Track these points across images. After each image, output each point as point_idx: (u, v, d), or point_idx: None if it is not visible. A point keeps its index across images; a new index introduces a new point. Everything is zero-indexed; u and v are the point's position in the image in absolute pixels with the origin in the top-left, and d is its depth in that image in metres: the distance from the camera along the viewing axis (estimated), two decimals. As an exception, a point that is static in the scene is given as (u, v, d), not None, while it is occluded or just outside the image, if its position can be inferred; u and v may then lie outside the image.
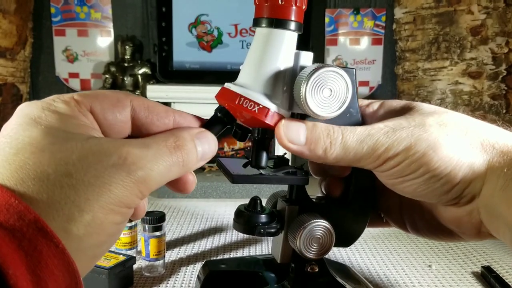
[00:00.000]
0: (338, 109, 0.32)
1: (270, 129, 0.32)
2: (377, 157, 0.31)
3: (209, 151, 0.28)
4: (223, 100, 0.32)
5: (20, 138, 0.22)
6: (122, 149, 0.23)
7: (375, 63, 2.35)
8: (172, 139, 0.25)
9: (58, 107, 0.23)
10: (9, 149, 0.21)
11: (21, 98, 2.22)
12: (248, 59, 0.33)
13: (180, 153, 0.25)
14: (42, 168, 0.20)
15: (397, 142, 0.31)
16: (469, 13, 1.98)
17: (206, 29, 2.31)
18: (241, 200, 0.77)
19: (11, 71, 2.14)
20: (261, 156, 0.33)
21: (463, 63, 2.02)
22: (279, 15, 0.31)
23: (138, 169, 0.23)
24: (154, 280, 0.49)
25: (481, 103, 2.02)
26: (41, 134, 0.22)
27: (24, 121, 0.23)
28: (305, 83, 0.31)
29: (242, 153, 2.65)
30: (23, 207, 0.19)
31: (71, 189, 0.20)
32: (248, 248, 0.57)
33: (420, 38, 2.11)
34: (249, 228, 0.34)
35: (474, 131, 0.32)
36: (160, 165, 0.24)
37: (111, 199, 0.22)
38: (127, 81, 2.27)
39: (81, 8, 2.27)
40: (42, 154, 0.21)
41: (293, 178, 0.34)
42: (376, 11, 2.29)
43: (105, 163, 0.22)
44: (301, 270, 0.36)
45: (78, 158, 0.21)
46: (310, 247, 0.34)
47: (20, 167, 0.20)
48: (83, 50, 2.31)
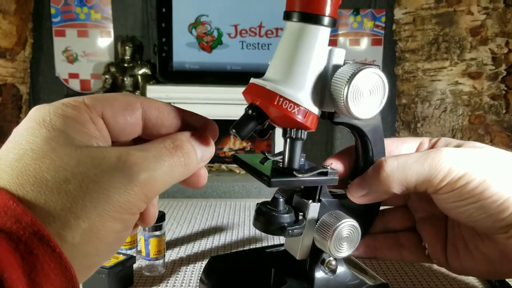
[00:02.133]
0: (377, 109, 0.32)
1: (304, 129, 0.31)
2: (439, 179, 0.32)
3: (207, 151, 0.28)
4: (254, 97, 0.31)
5: (23, 143, 0.22)
6: (122, 152, 0.22)
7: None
8: (169, 141, 0.25)
9: (66, 111, 0.23)
10: (12, 155, 0.21)
11: (20, 99, 2.22)
12: (279, 55, 0.31)
13: (180, 153, 0.25)
14: (42, 174, 0.20)
15: (459, 164, 0.32)
16: (468, 14, 1.98)
17: (206, 30, 2.31)
18: (241, 200, 0.77)
19: (11, 72, 2.14)
20: (294, 157, 0.32)
21: (463, 63, 2.02)
22: (314, 10, 0.29)
23: (141, 170, 0.22)
24: (154, 279, 0.49)
25: (481, 103, 2.02)
26: (44, 140, 0.22)
27: (30, 126, 0.23)
28: (346, 86, 0.29)
29: (242, 153, 2.66)
30: (20, 210, 0.19)
31: (68, 195, 0.20)
32: (249, 247, 0.57)
33: (420, 39, 2.11)
34: (276, 229, 0.33)
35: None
36: (163, 165, 0.24)
37: (110, 206, 0.21)
38: (127, 82, 2.27)
39: (81, 9, 2.27)
40: (43, 161, 0.21)
41: (326, 179, 0.34)
42: (376, 11, 2.30)
43: (105, 167, 0.21)
44: (320, 265, 0.36)
45: (76, 164, 0.21)
46: (340, 247, 0.34)
47: (21, 173, 0.21)
48: (83, 51, 2.31)
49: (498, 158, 0.34)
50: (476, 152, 0.33)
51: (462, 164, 0.32)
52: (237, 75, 2.19)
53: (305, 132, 0.31)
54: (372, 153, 0.36)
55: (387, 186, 0.33)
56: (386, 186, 0.33)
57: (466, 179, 0.32)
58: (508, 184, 0.32)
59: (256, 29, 2.27)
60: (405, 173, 0.32)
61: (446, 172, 0.32)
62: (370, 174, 0.34)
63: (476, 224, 0.33)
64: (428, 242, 0.39)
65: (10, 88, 2.16)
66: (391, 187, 0.33)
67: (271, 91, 0.30)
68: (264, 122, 0.31)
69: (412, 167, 0.32)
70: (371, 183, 0.34)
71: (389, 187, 0.33)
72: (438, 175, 0.32)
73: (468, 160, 0.32)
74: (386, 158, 0.34)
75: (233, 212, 0.71)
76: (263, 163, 0.34)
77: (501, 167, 0.33)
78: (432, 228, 0.39)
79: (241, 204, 0.74)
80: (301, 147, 0.32)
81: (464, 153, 0.33)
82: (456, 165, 0.32)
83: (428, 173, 0.32)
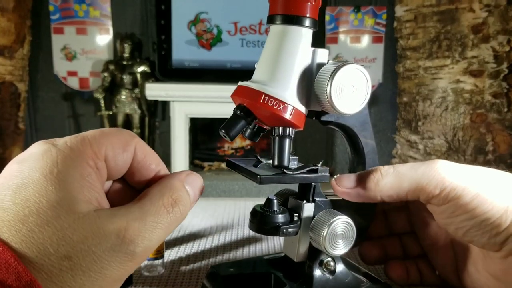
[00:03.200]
0: (361, 105, 0.33)
1: (292, 127, 0.32)
2: (432, 186, 0.33)
3: (199, 191, 0.29)
4: (242, 98, 0.32)
5: (29, 200, 0.22)
6: (121, 226, 0.24)
7: (376, 62, 2.34)
8: (167, 194, 0.26)
9: (73, 161, 0.24)
10: (16, 209, 0.22)
11: (19, 97, 2.21)
12: (264, 57, 0.32)
13: (178, 209, 0.26)
14: (45, 245, 0.22)
15: (453, 176, 0.33)
16: (470, 11, 1.97)
17: (205, 27, 2.30)
18: (240, 199, 0.76)
19: (9, 70, 2.13)
20: (284, 155, 0.32)
21: (464, 61, 2.01)
22: (295, 12, 0.30)
23: (137, 246, 0.24)
24: (154, 279, 0.48)
25: (482, 102, 2.01)
26: (49, 203, 0.22)
27: (37, 177, 0.23)
28: (330, 82, 0.30)
29: (241, 152, 2.65)
30: (21, 269, 0.21)
31: (69, 273, 0.22)
32: (249, 247, 0.56)
33: (421, 36, 2.10)
34: (270, 229, 0.34)
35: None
36: (161, 230, 0.25)
37: (106, 281, 0.23)
38: (126, 80, 2.25)
39: (80, 6, 2.26)
40: (46, 229, 0.22)
41: (316, 176, 0.34)
42: (377, 9, 2.29)
43: (104, 246, 0.23)
44: (318, 266, 0.36)
45: (78, 240, 0.22)
46: (336, 244, 0.34)
47: (26, 238, 0.22)
48: (81, 48, 2.30)
49: (492, 174, 0.35)
50: (470, 168, 0.34)
51: (456, 176, 0.33)
52: (237, 73, 2.19)
53: (293, 130, 0.32)
54: (363, 151, 0.36)
55: (379, 188, 0.34)
56: (377, 187, 0.34)
57: (459, 191, 0.32)
58: (502, 200, 0.32)
59: (256, 26, 2.26)
60: (399, 177, 0.34)
61: (439, 180, 0.33)
62: (364, 172, 0.35)
63: (474, 241, 0.34)
64: (438, 266, 0.40)
65: (8, 86, 2.15)
66: (382, 190, 0.34)
67: (257, 91, 0.31)
68: (252, 122, 0.32)
69: (406, 173, 0.34)
70: (362, 180, 0.34)
71: (380, 189, 0.34)
72: (430, 182, 0.33)
73: (462, 173, 0.33)
74: (383, 166, 0.35)
75: (233, 211, 0.70)
76: (256, 166, 0.34)
77: (494, 183, 0.33)
78: (439, 252, 0.39)
79: (240, 203, 0.73)
80: (290, 145, 0.33)
81: (458, 167, 0.34)
82: (450, 177, 0.33)
83: (421, 180, 0.33)
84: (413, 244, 0.41)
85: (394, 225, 0.42)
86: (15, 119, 2.22)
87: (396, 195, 0.34)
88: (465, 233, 0.33)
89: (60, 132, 2.42)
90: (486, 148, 2.02)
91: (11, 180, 0.23)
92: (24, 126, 2.31)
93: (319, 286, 0.36)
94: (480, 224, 0.32)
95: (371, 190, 0.34)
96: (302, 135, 2.37)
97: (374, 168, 0.35)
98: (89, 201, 0.24)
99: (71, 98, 2.38)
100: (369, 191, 0.34)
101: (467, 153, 2.05)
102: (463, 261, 0.38)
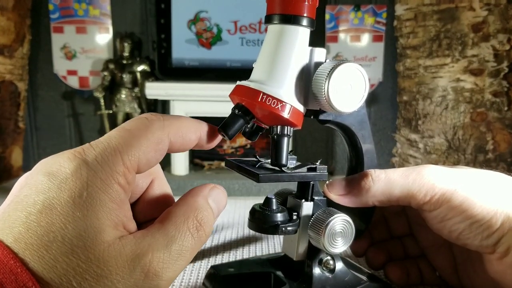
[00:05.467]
0: (358, 103, 0.33)
1: (290, 126, 0.32)
2: (422, 193, 0.33)
3: (222, 205, 0.29)
4: (240, 97, 0.32)
5: (56, 224, 0.22)
6: (146, 260, 0.23)
7: (376, 60, 2.34)
8: (192, 216, 0.25)
9: (104, 183, 0.23)
10: (41, 234, 0.22)
11: (19, 96, 2.20)
12: (262, 56, 0.33)
13: (202, 231, 0.26)
14: (68, 277, 0.21)
15: (443, 181, 0.33)
16: (470, 10, 1.97)
17: (205, 26, 2.29)
18: (240, 198, 0.76)
19: (9, 69, 2.12)
20: (282, 153, 0.32)
21: (464, 60, 2.01)
22: (292, 11, 0.31)
23: (160, 280, 0.23)
24: (152, 279, 0.48)
25: (482, 101, 2.01)
26: (76, 231, 0.22)
27: (64, 199, 0.22)
28: (327, 80, 0.31)
29: (241, 151, 2.65)
30: None
31: None
32: (248, 246, 0.56)
33: (421, 35, 2.10)
34: (269, 228, 0.34)
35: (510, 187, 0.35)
36: (183, 258, 0.25)
37: None
38: (125, 79, 2.25)
39: (80, 5, 2.25)
40: (71, 259, 0.21)
41: (315, 175, 0.34)
42: (377, 7, 2.28)
43: (128, 282, 0.22)
44: (317, 265, 0.37)
45: (103, 275, 0.22)
46: (335, 243, 0.35)
47: (49, 267, 0.21)
48: (81, 47, 2.29)
49: (482, 176, 0.35)
50: (460, 171, 0.35)
51: (445, 181, 0.33)
52: (237, 72, 2.19)
53: (291, 128, 0.32)
54: (361, 150, 0.37)
55: (370, 194, 0.34)
56: (369, 193, 0.34)
57: (448, 195, 0.33)
58: (492, 201, 0.33)
59: (256, 25, 2.26)
60: (390, 183, 0.34)
61: (429, 187, 0.33)
62: (355, 177, 0.35)
63: (467, 244, 0.34)
64: (438, 268, 0.40)
65: (8, 85, 2.15)
66: (374, 195, 0.34)
67: (255, 90, 0.31)
68: (250, 121, 0.32)
69: (396, 180, 0.34)
70: (353, 185, 0.35)
71: (372, 195, 0.34)
72: (421, 189, 0.33)
73: (452, 177, 0.34)
74: (375, 170, 0.35)
75: (233, 210, 0.70)
76: (255, 165, 0.35)
77: (485, 185, 0.34)
78: (439, 254, 0.40)
79: (240, 202, 0.73)
80: (288, 144, 0.33)
81: (448, 171, 0.34)
82: (439, 182, 0.33)
83: (411, 187, 0.33)
84: (414, 246, 0.41)
85: (395, 230, 0.42)
86: (15, 118, 2.22)
87: (387, 201, 0.34)
88: (458, 236, 0.34)
89: (60, 131, 2.41)
90: (486, 147, 2.02)
91: (37, 196, 0.22)
92: (24, 125, 2.30)
93: (319, 284, 0.36)
94: (471, 226, 0.33)
95: (362, 196, 0.34)
96: (302, 134, 2.36)
97: (365, 172, 0.35)
98: (115, 227, 0.23)
99: (71, 97, 2.38)
100: (360, 197, 0.34)
101: (467, 152, 2.05)
102: (462, 263, 0.38)
